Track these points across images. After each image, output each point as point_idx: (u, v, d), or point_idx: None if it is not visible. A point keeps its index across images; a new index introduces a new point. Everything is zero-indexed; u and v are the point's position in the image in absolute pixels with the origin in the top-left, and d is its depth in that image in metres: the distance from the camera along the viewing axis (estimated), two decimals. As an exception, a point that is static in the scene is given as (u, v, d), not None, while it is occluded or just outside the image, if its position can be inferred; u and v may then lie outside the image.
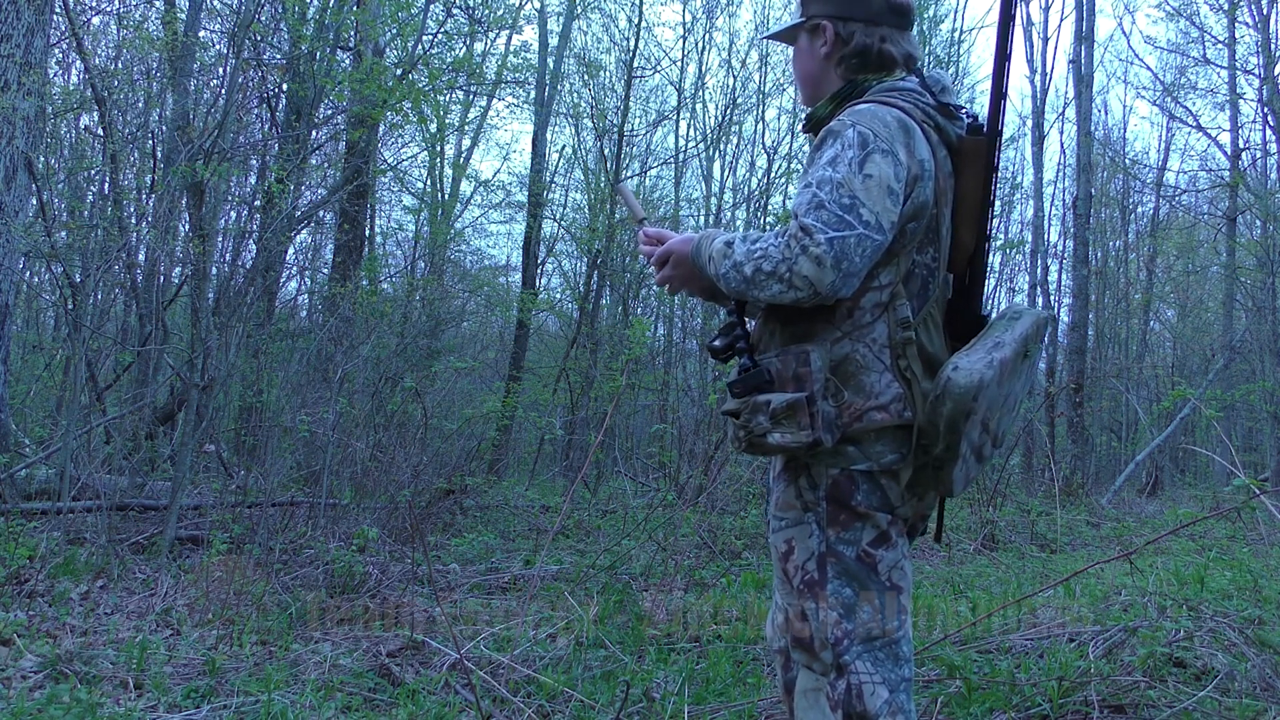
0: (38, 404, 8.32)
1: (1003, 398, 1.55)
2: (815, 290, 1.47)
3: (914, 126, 1.57)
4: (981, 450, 1.56)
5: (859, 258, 1.47)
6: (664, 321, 16.63)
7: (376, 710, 2.79)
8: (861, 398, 1.56)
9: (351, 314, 7.57)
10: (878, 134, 1.52)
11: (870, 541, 1.57)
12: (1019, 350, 1.55)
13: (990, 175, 1.63)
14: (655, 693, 2.84)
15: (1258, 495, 3.54)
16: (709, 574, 4.83)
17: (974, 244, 1.66)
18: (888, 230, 1.50)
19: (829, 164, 1.52)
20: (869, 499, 1.57)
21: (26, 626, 3.34)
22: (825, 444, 1.52)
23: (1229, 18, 14.04)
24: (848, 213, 1.47)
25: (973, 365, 1.48)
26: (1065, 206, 17.81)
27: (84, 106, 9.00)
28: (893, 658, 1.57)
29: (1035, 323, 1.61)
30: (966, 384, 1.45)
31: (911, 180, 1.54)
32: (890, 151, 1.52)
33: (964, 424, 1.47)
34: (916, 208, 1.56)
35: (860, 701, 1.54)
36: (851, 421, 1.55)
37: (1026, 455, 12.38)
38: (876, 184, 1.49)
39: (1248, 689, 2.80)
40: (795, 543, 1.61)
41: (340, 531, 5.16)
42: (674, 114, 17.19)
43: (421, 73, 9.62)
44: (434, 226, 15.18)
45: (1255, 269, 13.30)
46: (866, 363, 1.57)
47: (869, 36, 1.70)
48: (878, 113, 1.56)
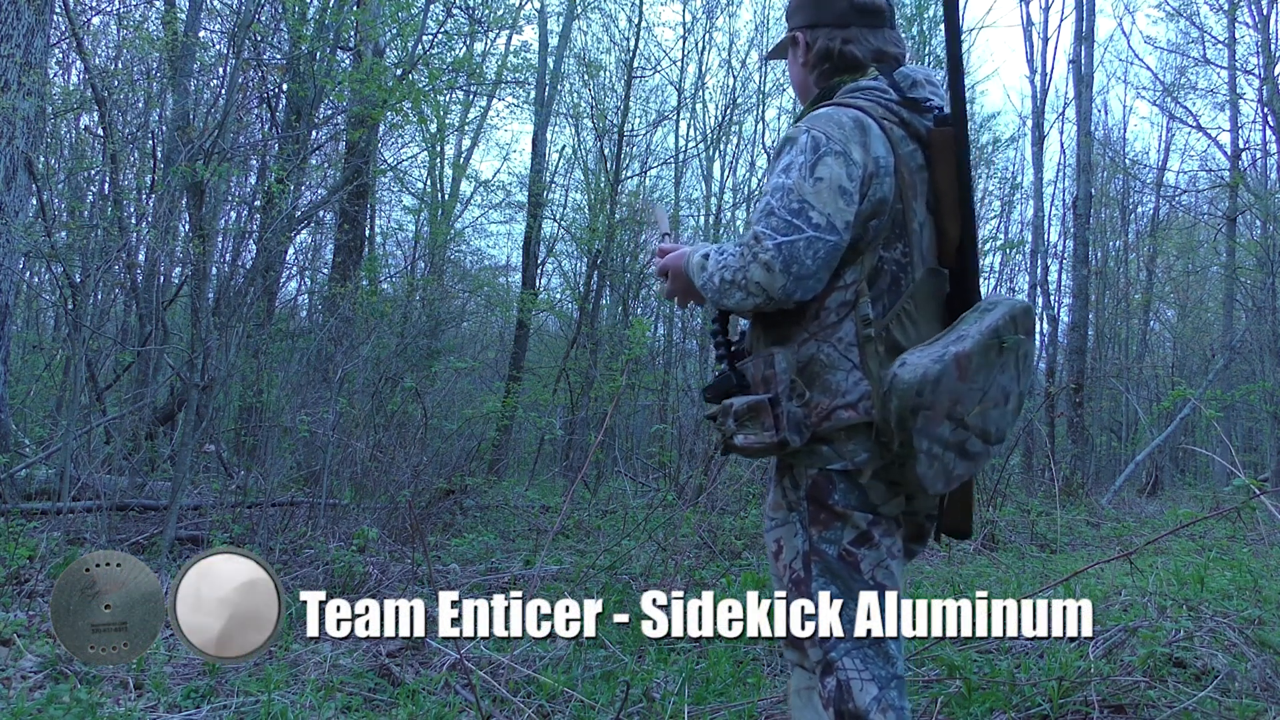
0: (38, 404, 8.31)
1: (978, 391, 1.52)
2: (769, 295, 1.53)
3: (871, 124, 1.59)
4: (964, 446, 1.53)
5: (810, 260, 1.51)
6: (664, 321, 16.63)
7: (376, 710, 2.79)
8: (828, 397, 1.58)
9: (351, 314, 7.56)
10: (831, 136, 1.56)
11: (851, 541, 1.58)
12: (986, 342, 1.51)
13: (962, 164, 1.62)
14: (655, 693, 2.84)
15: (1258, 495, 3.54)
16: (709, 574, 4.83)
17: (959, 236, 1.64)
18: (842, 230, 1.53)
19: (783, 171, 1.57)
20: (847, 499, 1.58)
21: (26, 626, 3.34)
22: (793, 444, 1.55)
23: (1229, 18, 14.04)
24: (796, 217, 1.52)
25: (919, 361, 1.47)
26: (1065, 206, 17.82)
27: (84, 106, 9.00)
28: (882, 655, 1.57)
29: (1008, 313, 1.56)
30: (910, 379, 1.45)
31: (867, 178, 1.56)
32: (843, 153, 1.54)
33: (913, 420, 1.46)
34: (874, 205, 1.57)
35: (850, 698, 1.54)
36: (820, 421, 1.58)
37: (1026, 455, 12.38)
38: (827, 186, 1.53)
39: (1248, 689, 2.80)
40: (783, 542, 1.64)
41: (340, 531, 5.16)
42: (674, 114, 17.20)
43: (421, 73, 9.62)
44: (434, 226, 15.18)
45: (1255, 269, 13.30)
46: (832, 362, 1.58)
47: (831, 40, 1.74)
48: (834, 115, 1.60)
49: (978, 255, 1.66)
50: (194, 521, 5.14)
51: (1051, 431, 12.01)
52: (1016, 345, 1.55)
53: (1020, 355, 1.58)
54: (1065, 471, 10.91)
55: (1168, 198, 17.75)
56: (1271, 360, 12.51)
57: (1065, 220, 17.26)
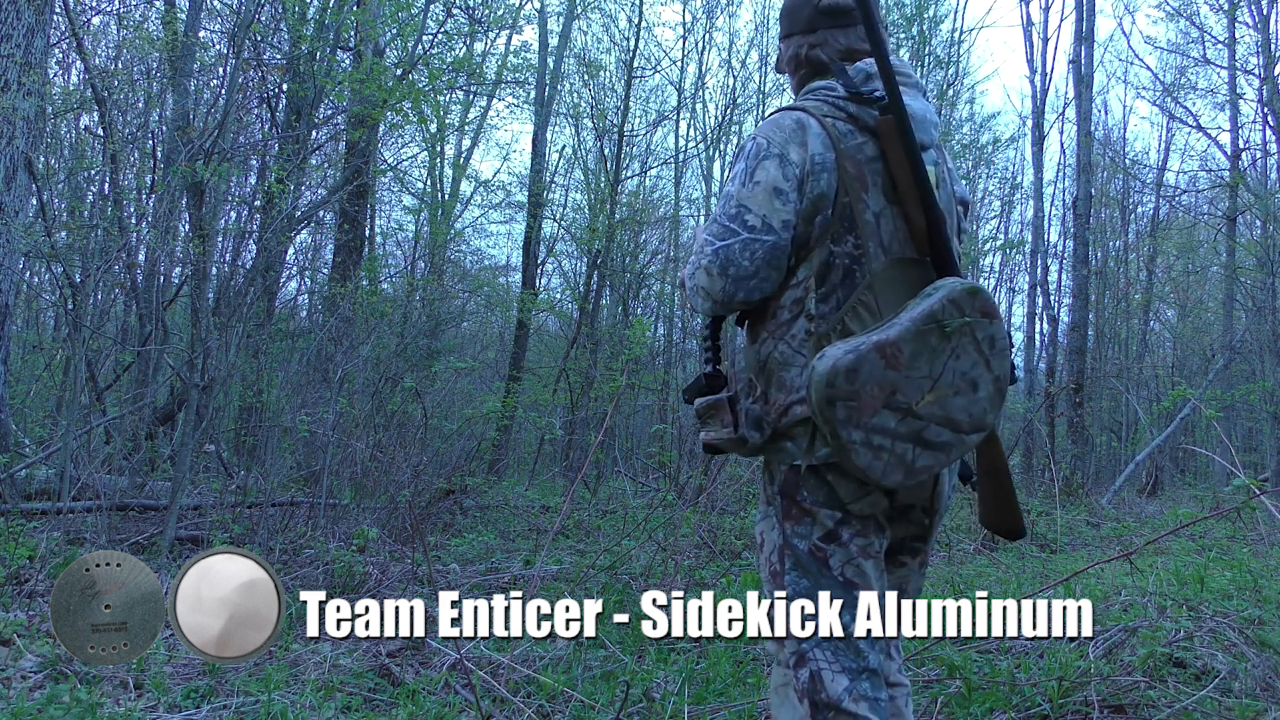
0: (38, 404, 8.31)
1: (923, 379, 1.49)
2: (712, 299, 1.61)
3: (810, 123, 1.63)
4: (922, 436, 1.51)
5: (747, 261, 1.57)
6: (664, 321, 16.64)
7: (376, 710, 2.79)
8: (784, 394, 1.61)
9: (351, 314, 7.57)
10: (772, 140, 1.62)
11: (820, 538, 1.60)
12: (919, 328, 1.49)
13: (909, 150, 1.61)
14: (655, 693, 2.84)
15: (1258, 495, 3.54)
16: (709, 574, 4.83)
17: (924, 222, 1.63)
18: (780, 229, 1.58)
19: (731, 179, 1.65)
20: (813, 495, 1.59)
21: (26, 626, 3.34)
22: (752, 440, 1.61)
23: (1229, 18, 14.03)
24: (733, 221, 1.59)
25: (833, 352, 1.47)
26: (1065, 207, 17.83)
27: (84, 106, 9.01)
28: (852, 650, 1.57)
29: (946, 296, 1.52)
30: (821, 371, 1.46)
31: (804, 176, 1.59)
32: (780, 154, 1.60)
33: (832, 410, 1.45)
34: (813, 201, 1.60)
35: (822, 688, 1.55)
36: (779, 417, 1.61)
37: (1026, 455, 12.38)
38: (763, 188, 1.59)
39: (1248, 689, 2.80)
40: (765, 536, 1.67)
41: (340, 531, 5.16)
42: (674, 114, 17.21)
43: (421, 73, 9.62)
44: (434, 226, 15.18)
45: (1255, 269, 13.29)
46: (786, 359, 1.61)
47: (800, 47, 1.80)
48: (779, 119, 1.65)
49: (946, 240, 1.64)
50: (194, 521, 5.14)
51: (1051, 431, 12.01)
52: (963, 329, 1.52)
53: (980, 340, 1.54)
54: (1065, 471, 10.91)
55: (1168, 198, 17.74)
56: (1271, 360, 12.50)
57: (1065, 220, 17.29)
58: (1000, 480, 1.71)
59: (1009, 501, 1.72)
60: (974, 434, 1.57)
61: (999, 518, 1.73)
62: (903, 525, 1.69)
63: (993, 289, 19.22)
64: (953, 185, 1.78)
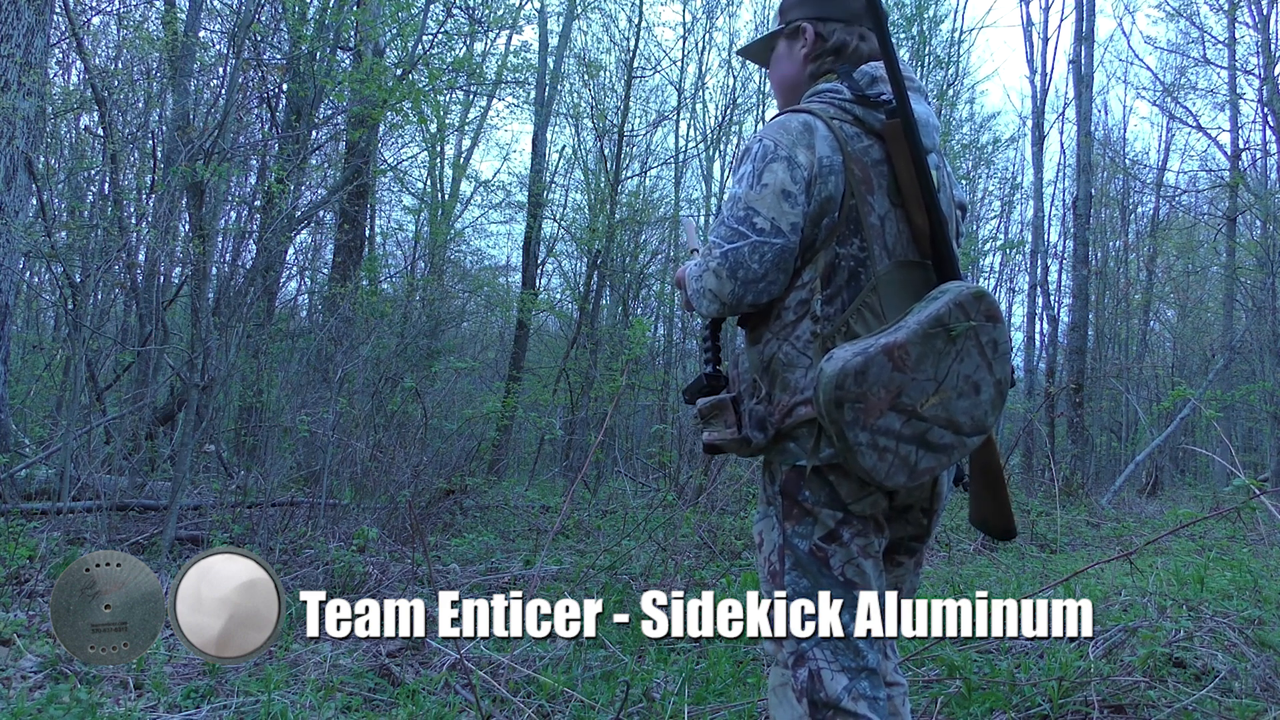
0: (38, 404, 8.31)
1: (929, 381, 1.50)
2: (721, 301, 1.61)
3: (818, 125, 1.62)
4: (925, 438, 1.52)
5: (756, 264, 1.57)
6: (664, 321, 16.65)
7: (376, 710, 2.79)
8: (788, 394, 1.61)
9: (351, 314, 7.57)
10: (779, 143, 1.61)
11: (821, 538, 1.60)
12: (926, 331, 1.50)
13: (915, 153, 1.62)
14: (655, 693, 2.84)
15: (1258, 495, 3.54)
16: (709, 574, 4.83)
17: (927, 225, 1.64)
18: (788, 232, 1.58)
19: (738, 181, 1.63)
20: (815, 495, 1.59)
21: (26, 626, 3.35)
22: (756, 441, 1.61)
23: (1229, 18, 14.03)
24: (742, 224, 1.59)
25: (841, 354, 1.48)
26: (1065, 207, 17.84)
27: (84, 106, 9.01)
28: (851, 650, 1.58)
29: (953, 300, 1.53)
30: (829, 373, 1.47)
31: (812, 179, 1.59)
32: (788, 157, 1.59)
33: (839, 411, 1.46)
34: (821, 204, 1.60)
35: (821, 687, 1.55)
36: (783, 418, 1.61)
37: (1026, 455, 12.38)
38: (771, 191, 1.58)
39: (1248, 689, 2.80)
40: (764, 536, 1.67)
41: (340, 531, 5.16)
42: (674, 114, 17.22)
43: (421, 73, 9.63)
44: (434, 226, 15.18)
45: (1255, 269, 13.29)
46: (791, 360, 1.61)
47: (849, 35, 1.76)
48: (785, 121, 1.64)
49: (949, 243, 1.65)
50: (194, 521, 5.14)
51: (1051, 431, 12.01)
52: (968, 332, 1.53)
53: (984, 343, 1.55)
54: (1065, 471, 10.91)
55: (1168, 198, 17.75)
56: (1271, 360, 12.51)
57: (1065, 220, 17.29)
58: (992, 480, 1.71)
59: (1001, 501, 1.72)
60: (975, 436, 1.57)
61: (991, 517, 1.73)
62: (901, 525, 1.70)
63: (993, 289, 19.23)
64: (952, 189, 1.79)
